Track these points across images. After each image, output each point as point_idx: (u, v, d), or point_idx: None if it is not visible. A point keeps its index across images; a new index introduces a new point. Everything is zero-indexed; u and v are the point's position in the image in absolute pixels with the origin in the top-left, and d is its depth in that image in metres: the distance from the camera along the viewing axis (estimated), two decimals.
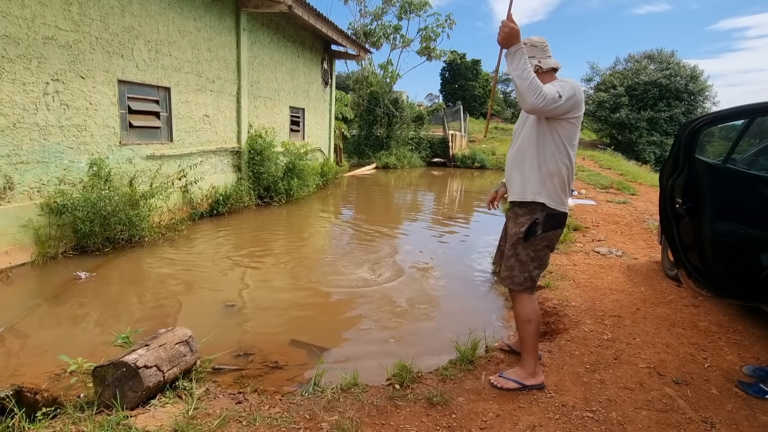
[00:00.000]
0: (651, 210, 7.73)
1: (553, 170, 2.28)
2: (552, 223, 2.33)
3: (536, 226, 2.31)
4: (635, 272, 4.49)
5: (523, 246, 2.36)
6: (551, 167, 2.28)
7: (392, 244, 6.32)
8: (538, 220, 2.31)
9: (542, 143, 2.29)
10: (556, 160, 2.28)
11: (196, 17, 7.04)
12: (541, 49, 2.34)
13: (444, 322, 3.75)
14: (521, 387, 2.39)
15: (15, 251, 4.64)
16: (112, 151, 5.74)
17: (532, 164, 2.31)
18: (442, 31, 20.31)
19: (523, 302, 2.42)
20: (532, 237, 2.33)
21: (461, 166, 19.16)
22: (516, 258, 2.38)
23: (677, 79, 25.56)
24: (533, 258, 2.37)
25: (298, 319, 3.78)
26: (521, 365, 2.47)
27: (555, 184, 2.30)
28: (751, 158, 3.36)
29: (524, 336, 2.44)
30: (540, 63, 2.32)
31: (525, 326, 2.42)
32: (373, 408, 2.25)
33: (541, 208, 2.31)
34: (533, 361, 2.43)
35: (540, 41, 2.35)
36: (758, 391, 2.44)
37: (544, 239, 2.35)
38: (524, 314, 2.41)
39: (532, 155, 2.31)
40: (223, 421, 2.09)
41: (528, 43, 2.33)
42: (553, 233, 2.37)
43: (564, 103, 2.15)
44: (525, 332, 2.43)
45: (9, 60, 4.44)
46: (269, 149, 8.68)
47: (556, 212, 2.32)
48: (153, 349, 2.33)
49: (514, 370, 2.48)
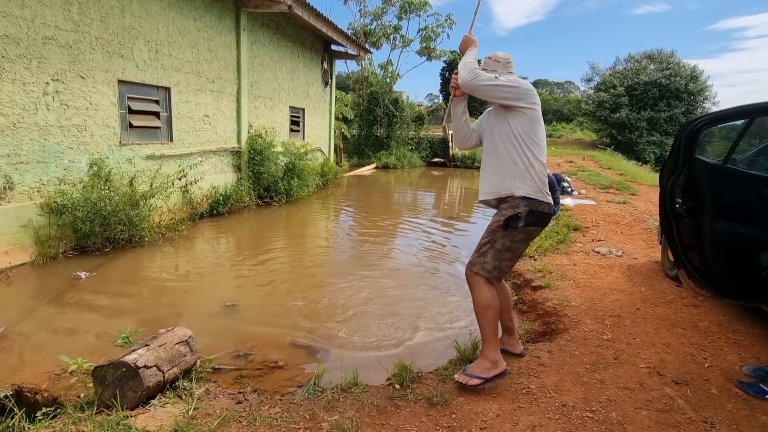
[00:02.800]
0: (651, 210, 7.72)
1: (526, 162, 2.36)
2: (534, 218, 2.37)
3: (518, 218, 2.34)
4: (635, 272, 4.49)
5: (501, 234, 2.37)
6: (524, 160, 2.36)
7: (391, 241, 6.32)
8: (521, 213, 2.34)
9: (510, 139, 2.39)
10: (526, 153, 2.37)
11: (196, 17, 7.04)
12: (503, 65, 2.52)
13: (444, 322, 3.75)
14: (484, 381, 2.36)
15: (15, 251, 4.64)
16: (112, 151, 5.74)
17: (506, 160, 2.40)
18: (442, 31, 20.33)
19: (482, 288, 2.40)
20: (512, 227, 2.35)
21: (461, 166, 19.17)
22: (491, 245, 2.39)
23: (677, 79, 25.56)
24: (509, 248, 2.39)
25: (298, 319, 3.78)
26: (482, 356, 2.43)
27: (533, 176, 2.36)
28: (751, 158, 3.35)
29: (484, 324, 2.41)
30: (498, 77, 2.41)
31: (485, 313, 2.39)
32: (373, 408, 2.25)
33: (525, 203, 2.35)
34: (494, 348, 2.41)
35: (504, 57, 2.53)
36: (758, 391, 2.44)
37: (523, 232, 2.38)
38: (484, 300, 2.38)
39: (504, 152, 2.41)
40: (223, 421, 2.09)
41: (492, 57, 2.53)
42: (534, 229, 2.41)
43: (501, 83, 2.33)
44: (485, 320, 2.40)
45: (9, 60, 4.44)
46: (269, 149, 8.68)
47: (538, 208, 2.37)
48: (153, 349, 2.33)
49: (476, 363, 2.43)
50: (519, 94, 2.36)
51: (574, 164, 15.62)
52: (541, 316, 3.61)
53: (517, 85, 2.37)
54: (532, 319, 3.61)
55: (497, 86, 2.34)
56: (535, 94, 2.41)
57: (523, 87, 2.38)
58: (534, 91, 2.41)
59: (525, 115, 2.38)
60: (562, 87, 63.35)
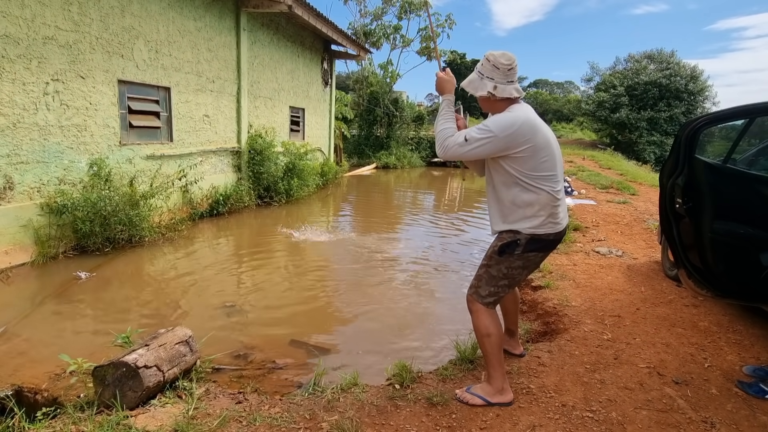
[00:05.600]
0: (651, 210, 7.72)
1: (528, 200, 2.13)
2: (535, 246, 2.19)
3: (516, 245, 2.17)
4: (635, 272, 4.49)
5: (496, 260, 2.22)
6: (525, 198, 2.13)
7: (390, 241, 6.32)
8: (520, 241, 2.17)
9: (507, 179, 2.15)
10: (528, 191, 2.12)
11: (196, 17, 7.04)
12: (502, 73, 2.12)
13: (444, 322, 3.75)
14: (487, 404, 2.26)
15: (15, 251, 4.64)
16: (112, 151, 5.74)
17: (505, 199, 2.19)
18: (442, 31, 20.31)
19: (481, 315, 2.26)
20: (508, 254, 2.19)
21: (461, 165, 19.02)
22: (487, 270, 2.26)
23: (677, 79, 25.54)
24: (505, 275, 2.23)
25: (298, 319, 3.78)
26: (488, 381, 2.32)
27: (537, 212, 2.14)
28: (751, 158, 3.35)
29: (486, 351, 2.27)
30: (495, 90, 2.13)
31: (485, 341, 2.25)
32: (373, 408, 2.25)
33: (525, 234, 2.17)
34: (500, 377, 2.27)
35: (505, 64, 2.12)
36: (758, 391, 2.44)
37: (520, 259, 2.20)
38: (482, 328, 2.25)
39: (503, 191, 2.19)
40: (223, 421, 2.09)
41: (492, 61, 2.13)
42: (534, 255, 2.23)
43: (476, 145, 2.06)
44: (486, 347, 2.26)
45: (9, 60, 4.44)
46: (269, 149, 8.68)
47: (542, 236, 2.17)
48: (153, 349, 2.33)
49: (482, 386, 2.34)
50: (502, 144, 2.05)
51: (574, 164, 15.62)
52: (541, 316, 3.61)
53: (494, 134, 2.03)
54: (532, 319, 3.61)
55: (472, 149, 2.07)
56: (523, 132, 2.05)
57: (503, 134, 2.03)
58: (521, 128, 2.04)
59: (518, 158, 2.09)
60: (561, 87, 63.34)
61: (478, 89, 2.17)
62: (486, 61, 2.16)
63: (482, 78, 2.16)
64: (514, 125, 2.05)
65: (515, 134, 2.04)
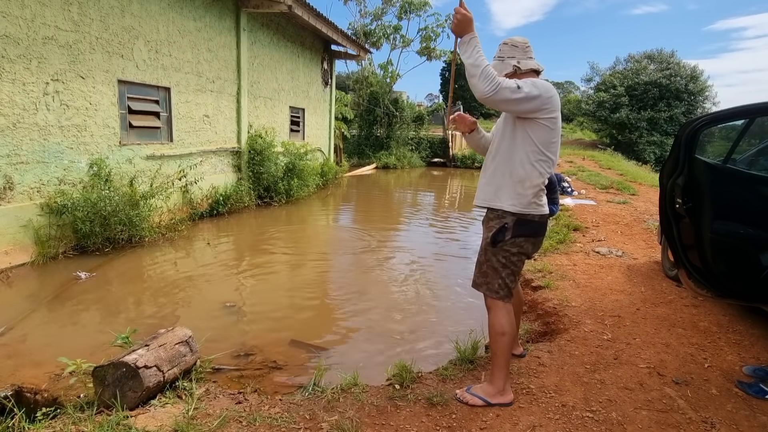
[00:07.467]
0: (651, 210, 7.72)
1: (523, 176, 2.17)
2: (524, 230, 2.21)
3: (505, 231, 2.20)
4: (635, 272, 4.49)
5: (492, 251, 2.25)
6: (521, 173, 2.17)
7: (391, 241, 6.32)
8: (507, 225, 2.20)
9: (514, 147, 2.18)
10: (525, 165, 2.16)
11: (196, 17, 7.04)
12: (521, 50, 2.24)
13: (444, 322, 3.75)
14: (486, 404, 2.27)
15: (15, 251, 4.64)
16: (112, 151, 5.74)
17: (504, 170, 2.22)
18: (442, 31, 20.29)
19: (499, 313, 2.27)
20: (500, 242, 2.22)
21: (461, 166, 19.16)
22: (488, 264, 2.28)
23: (677, 79, 25.58)
24: (505, 264, 2.24)
25: (298, 319, 3.78)
26: (490, 381, 2.33)
27: (525, 190, 2.17)
28: (751, 158, 3.35)
29: (496, 350, 2.28)
30: (519, 63, 2.22)
31: (498, 339, 2.27)
32: (373, 408, 2.25)
33: (511, 213, 2.21)
34: (503, 378, 2.29)
35: (522, 42, 2.26)
36: (758, 391, 2.44)
37: (515, 245, 2.22)
38: (498, 326, 2.26)
39: (504, 160, 2.22)
40: (223, 421, 2.09)
41: (509, 43, 2.26)
42: (525, 240, 2.24)
43: (524, 96, 2.03)
44: (497, 346, 2.27)
45: (9, 60, 4.44)
46: (269, 149, 8.68)
47: (527, 219, 2.20)
48: (153, 349, 2.33)
49: (482, 386, 2.35)
50: (541, 104, 2.08)
51: (574, 164, 15.61)
52: (541, 316, 3.61)
53: (539, 93, 2.06)
54: (532, 319, 3.61)
55: (519, 100, 2.04)
56: (556, 101, 2.13)
57: (545, 95, 2.08)
58: (556, 97, 2.12)
59: (543, 126, 2.13)
60: (562, 87, 63.25)
61: (502, 71, 2.22)
62: (503, 45, 2.28)
63: (503, 60, 2.26)
64: (552, 91, 2.12)
65: (553, 99, 2.12)
